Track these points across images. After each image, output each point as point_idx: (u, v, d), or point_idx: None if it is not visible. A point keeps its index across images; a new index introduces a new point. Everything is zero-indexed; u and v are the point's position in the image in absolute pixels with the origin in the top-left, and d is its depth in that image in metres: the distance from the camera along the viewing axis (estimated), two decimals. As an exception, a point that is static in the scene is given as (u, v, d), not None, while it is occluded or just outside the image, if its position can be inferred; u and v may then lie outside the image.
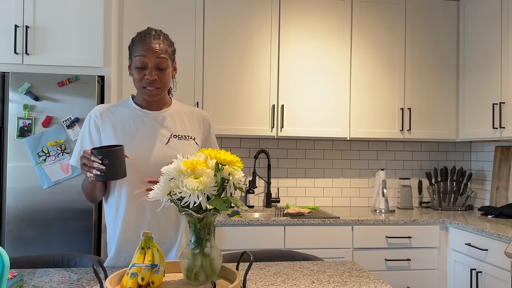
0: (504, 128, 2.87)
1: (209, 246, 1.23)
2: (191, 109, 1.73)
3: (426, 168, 3.69)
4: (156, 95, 1.58)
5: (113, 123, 1.61)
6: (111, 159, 1.35)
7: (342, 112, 3.21)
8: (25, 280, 1.41)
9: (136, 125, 1.61)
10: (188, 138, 1.65)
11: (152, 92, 1.56)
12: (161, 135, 1.61)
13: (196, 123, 1.70)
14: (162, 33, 1.60)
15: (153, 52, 1.53)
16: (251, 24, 3.13)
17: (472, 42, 3.23)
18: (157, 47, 1.54)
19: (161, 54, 1.55)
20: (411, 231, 2.93)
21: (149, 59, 1.53)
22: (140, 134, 1.60)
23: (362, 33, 3.26)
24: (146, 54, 1.53)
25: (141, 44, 1.54)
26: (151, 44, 1.54)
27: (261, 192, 3.47)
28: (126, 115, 1.63)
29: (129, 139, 1.58)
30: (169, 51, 1.59)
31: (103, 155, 1.35)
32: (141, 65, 1.54)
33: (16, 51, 2.58)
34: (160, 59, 1.54)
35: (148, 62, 1.53)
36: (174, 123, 1.65)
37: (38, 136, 2.50)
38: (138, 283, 1.16)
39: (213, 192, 1.17)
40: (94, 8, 2.67)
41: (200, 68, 3.07)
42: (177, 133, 1.64)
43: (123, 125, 1.60)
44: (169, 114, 1.66)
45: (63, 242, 2.50)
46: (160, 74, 1.56)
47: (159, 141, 1.60)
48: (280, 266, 1.64)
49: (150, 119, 1.63)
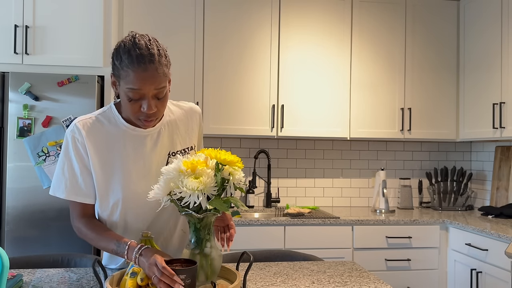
0: (504, 128, 2.87)
1: (209, 246, 1.22)
2: (182, 109, 1.52)
3: (426, 168, 3.69)
4: (155, 125, 1.38)
5: (106, 148, 1.36)
6: (193, 277, 1.15)
7: (342, 112, 3.21)
8: (25, 280, 1.40)
9: (132, 150, 1.38)
10: (187, 150, 1.48)
11: (150, 124, 1.32)
12: (159, 157, 1.41)
13: (191, 124, 1.52)
14: (155, 48, 1.26)
15: (151, 83, 1.23)
16: (251, 24, 3.13)
17: (472, 42, 3.23)
18: (155, 75, 1.23)
19: (160, 85, 1.25)
20: (411, 231, 2.93)
21: (146, 91, 1.23)
22: (139, 161, 1.38)
23: (362, 33, 3.26)
24: (142, 87, 1.22)
25: (134, 72, 1.22)
26: (147, 72, 1.22)
27: (261, 192, 3.47)
28: (118, 137, 1.37)
29: (128, 169, 1.37)
30: (166, 72, 1.28)
31: (187, 274, 1.13)
32: (136, 98, 1.25)
33: (16, 51, 2.58)
34: (158, 90, 1.26)
35: (145, 94, 1.24)
36: (170, 138, 1.45)
37: (38, 136, 2.49)
38: (137, 284, 1.16)
39: (213, 192, 1.17)
40: (94, 8, 2.67)
41: (200, 68, 3.06)
42: (175, 149, 1.45)
43: (119, 151, 1.36)
44: (164, 128, 1.43)
45: (63, 242, 2.50)
46: (159, 103, 1.29)
47: (158, 165, 1.40)
48: (280, 266, 1.64)
49: (146, 139, 1.39)
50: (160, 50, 1.27)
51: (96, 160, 1.35)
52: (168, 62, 1.30)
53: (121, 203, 1.38)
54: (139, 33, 1.29)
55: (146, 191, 1.32)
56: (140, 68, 1.21)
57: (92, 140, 1.34)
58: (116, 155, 1.36)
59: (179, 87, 3.03)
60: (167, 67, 1.28)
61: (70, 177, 1.35)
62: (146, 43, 1.24)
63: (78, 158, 1.34)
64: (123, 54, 1.23)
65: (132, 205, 1.39)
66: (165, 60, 1.28)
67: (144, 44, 1.24)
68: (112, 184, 1.37)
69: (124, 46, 1.25)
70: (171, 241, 1.51)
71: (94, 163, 1.35)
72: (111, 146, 1.36)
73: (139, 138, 1.38)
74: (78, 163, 1.34)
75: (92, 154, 1.34)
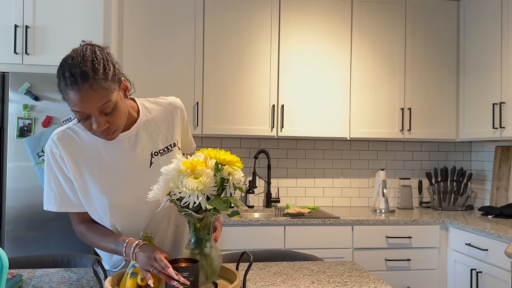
0: (504, 128, 2.87)
1: (209, 246, 1.22)
2: (160, 106, 1.46)
3: (426, 168, 3.69)
4: (115, 137, 1.28)
5: (83, 159, 1.34)
6: (196, 275, 1.15)
7: (342, 112, 3.21)
8: (25, 280, 1.40)
9: (109, 155, 1.35)
10: (170, 148, 1.43)
11: (110, 137, 1.26)
12: (140, 159, 1.38)
13: (171, 120, 1.46)
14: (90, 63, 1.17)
15: (88, 101, 1.16)
16: (251, 23, 3.13)
17: (472, 42, 3.23)
18: (91, 93, 1.15)
19: (100, 102, 1.17)
20: (411, 231, 2.93)
21: (87, 111, 1.18)
22: (118, 166, 1.35)
23: (362, 32, 3.25)
24: (82, 108, 1.17)
25: (70, 94, 1.16)
26: (82, 92, 1.15)
27: (261, 192, 3.47)
28: (92, 144, 1.34)
29: (107, 176, 1.34)
30: (107, 86, 1.18)
31: (190, 272, 1.13)
32: (84, 117, 1.20)
33: (16, 51, 2.58)
34: (102, 107, 1.18)
35: (89, 113, 1.19)
36: (150, 137, 1.40)
37: (38, 136, 2.50)
38: (137, 284, 1.16)
39: (213, 192, 1.16)
40: (94, 8, 2.67)
41: (200, 68, 3.06)
42: (158, 148, 1.41)
43: (96, 160, 1.34)
44: (141, 128, 1.39)
45: (63, 242, 2.50)
46: (110, 118, 1.22)
47: (141, 167, 1.37)
48: (280, 266, 1.64)
49: (122, 144, 1.36)
50: (96, 64, 1.18)
51: (75, 170, 1.34)
52: (112, 72, 1.21)
53: (108, 211, 1.36)
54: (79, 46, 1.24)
55: (133, 196, 1.34)
56: (74, 90, 1.15)
57: (68, 151, 1.33)
58: (93, 163, 1.34)
59: (179, 87, 3.03)
60: (109, 80, 1.19)
61: (58, 190, 1.35)
62: (79, 60, 1.17)
63: (59, 171, 1.34)
64: (59, 78, 1.19)
65: (120, 213, 1.37)
66: (105, 72, 1.19)
67: (78, 62, 1.17)
68: (94, 192, 1.35)
69: (60, 67, 1.20)
70: (167, 237, 1.51)
71: (74, 173, 1.33)
72: (86, 155, 1.34)
73: (114, 143, 1.35)
74: (61, 175, 1.35)
75: (70, 165, 1.33)
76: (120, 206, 1.36)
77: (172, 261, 1.18)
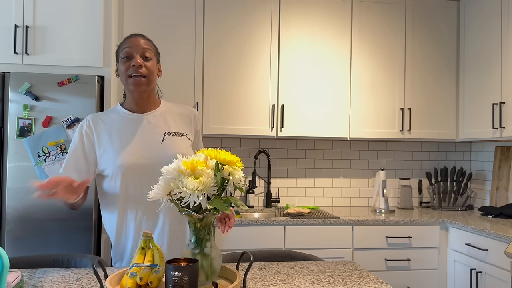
0: (504, 128, 2.87)
1: (209, 246, 1.22)
2: (180, 107, 1.79)
3: (426, 168, 3.69)
4: (142, 84, 1.62)
5: (107, 131, 1.65)
6: (194, 275, 1.12)
7: (342, 112, 3.21)
8: (25, 280, 1.40)
9: (129, 129, 1.66)
10: (181, 135, 1.70)
11: (138, 80, 1.61)
12: (155, 134, 1.66)
13: (187, 119, 1.76)
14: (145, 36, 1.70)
15: (138, 44, 1.63)
16: (251, 23, 3.13)
17: (472, 42, 3.23)
18: (141, 41, 1.65)
19: (145, 46, 1.64)
20: (411, 231, 2.93)
21: (134, 49, 1.62)
22: (135, 137, 1.64)
23: (362, 32, 3.26)
24: (131, 45, 1.62)
25: (126, 40, 1.65)
26: (136, 38, 1.65)
27: (261, 192, 3.47)
28: (118, 121, 1.68)
29: (125, 144, 1.62)
30: (153, 47, 1.68)
31: (189, 271, 1.10)
32: (127, 55, 1.61)
33: (16, 51, 2.58)
34: (144, 49, 1.63)
35: (134, 51, 1.61)
36: (166, 122, 1.71)
37: (38, 136, 2.50)
38: (137, 283, 1.16)
39: (213, 192, 1.17)
40: (94, 8, 2.67)
41: (200, 68, 3.07)
42: (170, 130, 1.69)
43: (118, 131, 1.65)
44: (159, 114, 1.72)
45: (63, 242, 2.50)
46: (145, 62, 1.62)
47: (155, 141, 1.65)
48: (280, 266, 1.64)
49: (142, 121, 1.68)
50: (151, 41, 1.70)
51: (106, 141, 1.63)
52: (156, 49, 1.71)
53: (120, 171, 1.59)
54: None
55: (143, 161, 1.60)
56: (131, 37, 1.65)
57: (95, 124, 1.66)
58: (114, 134, 1.64)
59: (179, 87, 3.03)
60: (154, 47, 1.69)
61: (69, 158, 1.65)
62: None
63: (81, 146, 1.64)
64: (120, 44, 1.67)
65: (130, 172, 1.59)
66: (154, 45, 1.70)
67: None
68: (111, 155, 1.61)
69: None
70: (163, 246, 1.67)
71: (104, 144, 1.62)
72: (112, 128, 1.65)
73: (136, 120, 1.68)
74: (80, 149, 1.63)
75: (101, 138, 1.63)
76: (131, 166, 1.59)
77: (172, 260, 1.18)
